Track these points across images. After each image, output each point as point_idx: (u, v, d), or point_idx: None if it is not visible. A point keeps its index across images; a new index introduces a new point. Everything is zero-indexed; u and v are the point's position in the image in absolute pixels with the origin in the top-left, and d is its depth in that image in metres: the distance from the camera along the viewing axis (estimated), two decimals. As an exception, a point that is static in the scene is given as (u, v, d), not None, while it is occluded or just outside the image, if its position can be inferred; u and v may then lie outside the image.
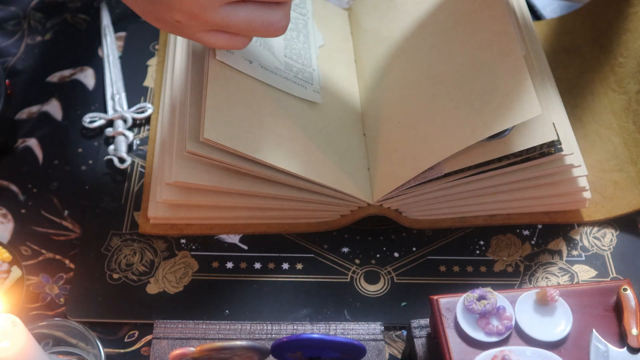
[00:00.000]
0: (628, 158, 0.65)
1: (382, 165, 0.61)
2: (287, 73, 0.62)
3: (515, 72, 0.56)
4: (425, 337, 0.51)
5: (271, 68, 0.61)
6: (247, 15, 0.51)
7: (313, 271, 0.60)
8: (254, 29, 0.52)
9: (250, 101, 0.58)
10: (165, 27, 0.53)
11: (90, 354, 0.53)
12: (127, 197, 0.64)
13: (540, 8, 0.78)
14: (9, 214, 0.63)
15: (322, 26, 0.71)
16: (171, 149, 0.59)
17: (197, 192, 0.58)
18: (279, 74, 0.62)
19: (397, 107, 0.63)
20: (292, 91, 0.62)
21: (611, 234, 0.62)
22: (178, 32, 0.54)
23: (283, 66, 0.63)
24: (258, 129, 0.56)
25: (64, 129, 0.69)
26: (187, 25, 0.52)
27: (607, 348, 0.47)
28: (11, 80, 0.71)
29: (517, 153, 0.55)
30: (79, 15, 0.78)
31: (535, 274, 0.60)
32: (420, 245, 0.62)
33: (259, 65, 0.60)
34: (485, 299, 0.48)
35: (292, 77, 0.62)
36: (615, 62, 0.69)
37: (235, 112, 0.56)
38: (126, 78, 0.73)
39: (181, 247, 0.61)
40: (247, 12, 0.51)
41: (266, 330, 0.54)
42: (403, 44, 0.66)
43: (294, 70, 0.63)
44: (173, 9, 0.50)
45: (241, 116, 0.56)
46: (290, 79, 0.62)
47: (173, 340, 0.53)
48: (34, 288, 0.59)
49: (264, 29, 0.52)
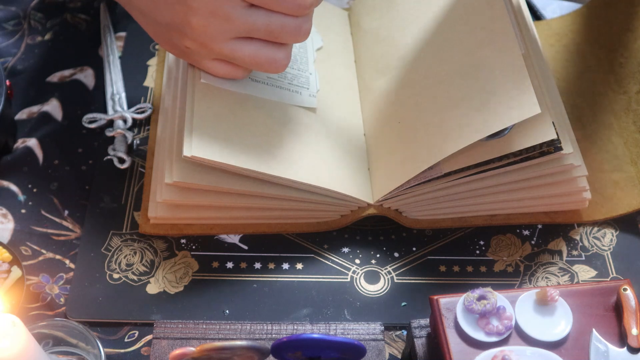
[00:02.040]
0: (628, 158, 0.65)
1: (382, 165, 0.61)
2: (280, 81, 0.62)
3: (514, 70, 0.56)
4: (425, 337, 0.51)
5: (262, 79, 0.61)
6: (253, 51, 0.54)
7: (313, 271, 0.60)
8: (258, 64, 0.55)
9: (240, 114, 0.58)
10: (174, 51, 0.56)
11: (91, 354, 0.53)
12: (127, 197, 0.64)
13: (540, 8, 0.78)
14: (9, 214, 0.63)
15: (322, 27, 0.71)
16: (171, 149, 0.59)
17: (197, 192, 0.58)
18: (271, 84, 0.62)
19: (397, 107, 0.63)
20: (285, 99, 0.62)
21: (611, 234, 0.62)
22: (186, 57, 0.56)
23: (276, 75, 0.63)
24: (249, 139, 0.57)
25: (64, 129, 0.69)
26: (196, 52, 0.55)
27: (607, 348, 0.47)
28: (11, 81, 0.71)
29: (516, 152, 0.55)
30: (79, 15, 0.78)
31: (535, 274, 0.60)
32: (420, 245, 0.62)
33: (248, 79, 0.60)
34: (485, 299, 0.48)
35: (286, 85, 0.62)
36: (615, 62, 0.69)
37: (223, 126, 0.57)
38: (126, 78, 0.73)
39: (181, 247, 0.61)
40: (254, 48, 0.54)
41: (266, 330, 0.54)
42: (402, 44, 0.66)
43: (288, 77, 0.63)
44: (185, 36, 0.53)
45: (230, 130, 0.56)
46: (283, 87, 0.62)
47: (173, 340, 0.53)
48: (34, 288, 0.59)
49: (267, 65, 0.55)
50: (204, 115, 0.56)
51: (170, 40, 0.55)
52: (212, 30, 0.52)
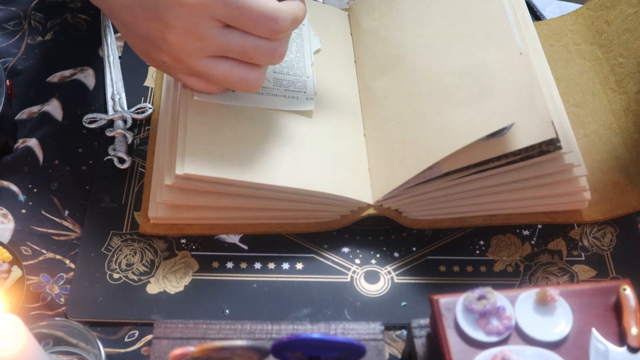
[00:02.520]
0: (628, 158, 0.65)
1: (382, 165, 0.61)
2: (275, 90, 0.62)
3: (513, 69, 0.56)
4: (425, 337, 0.51)
5: None
6: (227, 70, 0.55)
7: (313, 271, 0.60)
8: (231, 82, 0.56)
9: (234, 126, 0.58)
10: (153, 63, 0.58)
11: (91, 353, 0.53)
12: (127, 197, 0.64)
13: (540, 8, 0.78)
14: (9, 214, 0.63)
15: (320, 29, 0.71)
16: (171, 149, 0.59)
17: (197, 192, 0.58)
18: (265, 93, 0.62)
19: (397, 107, 0.63)
20: (281, 106, 0.62)
21: (611, 234, 0.62)
22: (163, 70, 0.57)
23: (271, 83, 0.63)
24: (244, 152, 0.57)
25: (64, 129, 0.69)
26: (172, 66, 0.56)
27: (607, 348, 0.47)
28: (11, 81, 0.71)
29: (516, 152, 0.55)
30: (80, 15, 0.78)
31: (535, 274, 0.60)
32: (420, 245, 0.62)
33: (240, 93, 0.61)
34: (485, 298, 0.48)
35: (282, 92, 0.62)
36: (615, 62, 0.69)
37: (218, 140, 0.57)
38: (126, 78, 0.73)
39: (181, 247, 0.61)
40: (227, 67, 0.55)
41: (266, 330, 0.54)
42: (402, 44, 0.66)
43: (284, 84, 0.63)
44: (162, 51, 0.54)
45: (224, 143, 0.57)
46: (280, 94, 0.62)
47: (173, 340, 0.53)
48: (34, 288, 0.59)
49: (240, 85, 0.56)
50: (197, 131, 0.57)
51: (148, 53, 0.56)
52: (188, 47, 0.53)
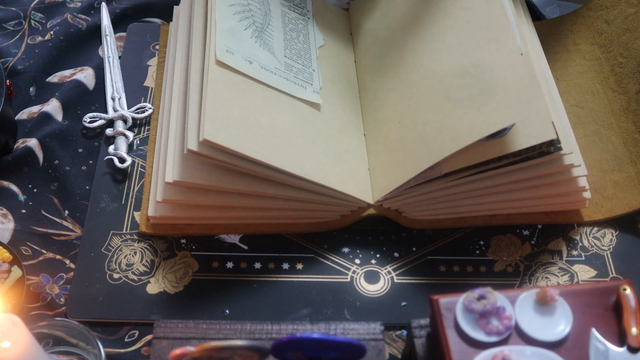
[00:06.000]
0: (628, 158, 0.65)
1: (382, 166, 0.61)
2: (287, 74, 0.62)
3: (514, 70, 0.56)
4: (425, 337, 0.51)
5: (271, 68, 0.62)
6: None
7: (313, 271, 0.60)
8: None
9: (250, 102, 0.58)
10: None
11: (91, 353, 0.53)
12: (127, 197, 0.64)
13: (540, 8, 0.78)
14: (10, 214, 0.63)
15: (323, 26, 0.71)
16: (171, 148, 0.59)
17: (197, 191, 0.58)
18: (279, 75, 0.62)
19: (397, 107, 0.63)
20: (292, 92, 0.62)
21: (611, 234, 0.62)
22: None
23: (283, 66, 0.63)
24: (257, 130, 0.57)
25: (64, 129, 0.69)
26: None
27: (607, 347, 0.47)
28: (11, 81, 0.71)
29: (516, 152, 0.55)
30: (79, 15, 0.79)
31: (535, 274, 0.60)
32: (420, 245, 0.62)
33: (258, 66, 0.60)
34: (485, 298, 0.48)
35: (292, 78, 0.62)
36: (615, 62, 0.69)
37: (234, 113, 0.56)
38: (126, 78, 0.73)
39: (181, 247, 0.61)
40: None
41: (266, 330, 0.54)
42: (402, 44, 0.66)
43: (294, 71, 0.63)
44: None
45: (240, 117, 0.56)
46: (290, 79, 0.62)
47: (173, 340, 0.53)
48: (34, 288, 0.59)
49: None
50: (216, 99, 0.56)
51: None
52: None
